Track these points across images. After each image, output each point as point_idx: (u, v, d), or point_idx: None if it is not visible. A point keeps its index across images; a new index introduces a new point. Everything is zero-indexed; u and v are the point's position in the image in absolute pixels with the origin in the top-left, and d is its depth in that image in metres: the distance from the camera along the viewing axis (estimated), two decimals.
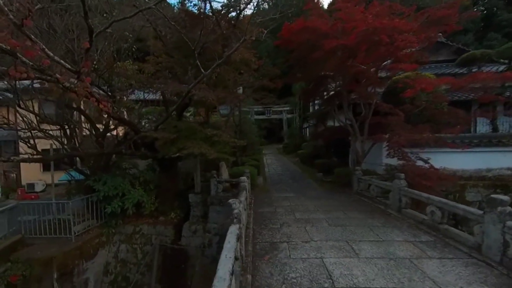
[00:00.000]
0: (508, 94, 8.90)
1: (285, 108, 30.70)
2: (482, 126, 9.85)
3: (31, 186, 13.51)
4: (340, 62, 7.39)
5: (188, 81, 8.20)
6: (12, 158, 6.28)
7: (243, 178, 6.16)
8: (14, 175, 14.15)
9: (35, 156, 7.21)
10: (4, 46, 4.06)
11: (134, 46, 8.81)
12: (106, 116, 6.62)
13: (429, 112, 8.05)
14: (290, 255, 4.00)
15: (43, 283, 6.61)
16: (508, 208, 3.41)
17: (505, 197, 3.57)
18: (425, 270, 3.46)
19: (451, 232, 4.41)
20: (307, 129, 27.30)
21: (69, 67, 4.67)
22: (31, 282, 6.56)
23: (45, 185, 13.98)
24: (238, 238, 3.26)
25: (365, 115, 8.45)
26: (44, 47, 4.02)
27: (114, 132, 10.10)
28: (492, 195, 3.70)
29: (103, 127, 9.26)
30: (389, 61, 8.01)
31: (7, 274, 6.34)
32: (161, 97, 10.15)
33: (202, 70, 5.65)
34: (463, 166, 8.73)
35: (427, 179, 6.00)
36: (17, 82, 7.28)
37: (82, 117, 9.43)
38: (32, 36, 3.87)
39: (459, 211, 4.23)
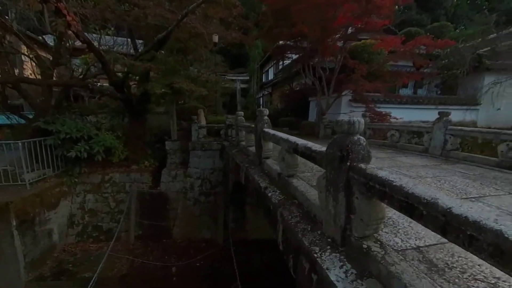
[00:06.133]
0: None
1: (239, 77, 30.53)
2: (409, 90, 12.75)
3: None
4: (322, 18, 8.03)
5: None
6: None
7: (240, 112, 6.39)
8: None
9: None
10: None
11: None
12: (74, 35, 5.48)
13: (379, 72, 9.89)
14: None
15: None
16: (450, 118, 4.98)
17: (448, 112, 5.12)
18: (401, 160, 4.83)
19: (405, 146, 6.03)
20: (262, 98, 28.29)
21: None
22: None
23: None
24: None
25: (333, 73, 9.67)
26: None
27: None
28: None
29: (52, 55, 7.58)
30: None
31: None
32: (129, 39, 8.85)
33: None
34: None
35: (383, 117, 7.71)
36: None
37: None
38: None
39: (414, 128, 5.80)
